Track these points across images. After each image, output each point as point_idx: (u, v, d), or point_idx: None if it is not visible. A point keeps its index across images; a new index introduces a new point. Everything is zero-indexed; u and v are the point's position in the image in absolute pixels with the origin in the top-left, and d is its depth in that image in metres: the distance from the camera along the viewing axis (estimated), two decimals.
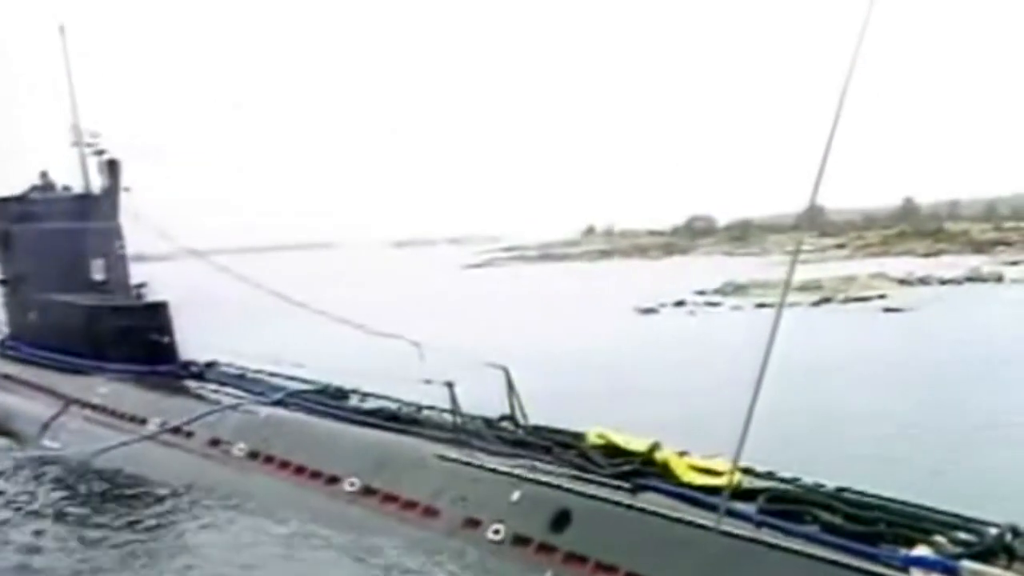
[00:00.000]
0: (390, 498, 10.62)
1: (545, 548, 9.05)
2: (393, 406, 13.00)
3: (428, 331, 15.72)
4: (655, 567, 8.31)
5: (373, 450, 11.45)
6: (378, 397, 13.45)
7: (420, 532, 9.93)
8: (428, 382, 11.55)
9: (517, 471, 9.98)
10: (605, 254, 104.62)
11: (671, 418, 14.82)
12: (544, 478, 9.73)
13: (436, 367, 11.99)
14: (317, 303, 15.88)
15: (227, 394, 14.51)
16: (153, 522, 11.36)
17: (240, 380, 15.28)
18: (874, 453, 14.13)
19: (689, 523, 8.45)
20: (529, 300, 47.73)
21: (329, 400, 13.63)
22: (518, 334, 30.51)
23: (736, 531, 8.09)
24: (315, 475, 11.55)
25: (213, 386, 15.25)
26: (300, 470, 11.79)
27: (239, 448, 12.70)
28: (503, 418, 11.86)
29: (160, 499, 12.18)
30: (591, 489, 9.34)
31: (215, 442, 13.11)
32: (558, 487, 9.51)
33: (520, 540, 9.26)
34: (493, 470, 10.17)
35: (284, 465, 12.02)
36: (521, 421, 11.75)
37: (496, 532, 9.41)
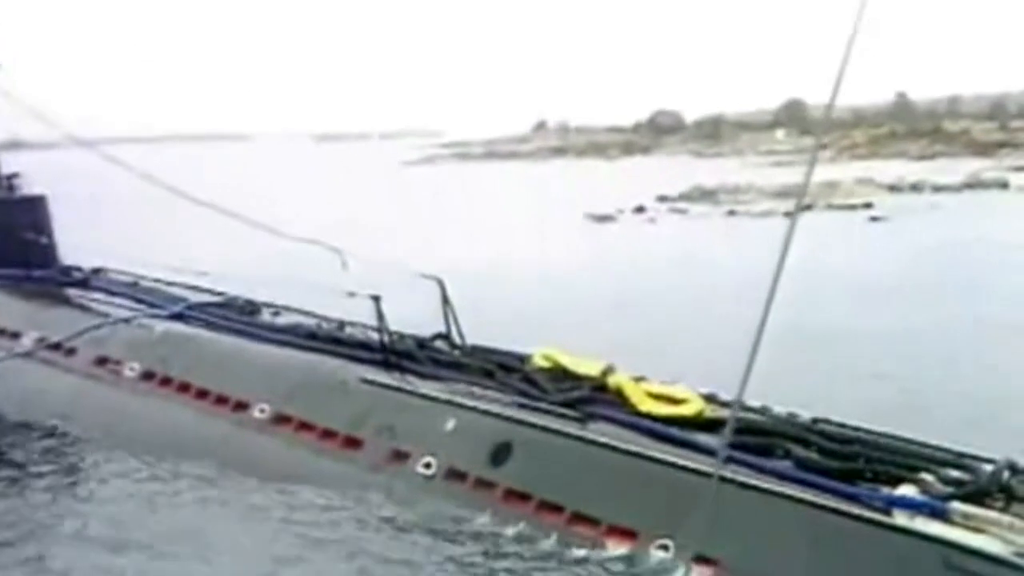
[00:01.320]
0: (306, 427, 10.56)
1: (483, 484, 9.07)
2: (311, 322, 12.84)
3: (354, 236, 15.44)
4: (606, 507, 8.36)
5: (287, 372, 11.35)
6: (294, 312, 13.30)
7: (340, 466, 9.90)
8: (352, 295, 11.42)
9: (452, 397, 9.98)
10: (558, 152, 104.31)
11: (625, 341, 14.86)
12: (483, 405, 9.74)
13: (362, 278, 11.84)
14: (226, 202, 15.53)
15: (117, 305, 14.18)
16: (25, 456, 11.15)
17: (133, 289, 14.95)
18: (864, 375, 14.36)
19: (646, 458, 8.48)
20: (470, 203, 47.56)
21: (237, 314, 13.42)
22: (457, 242, 30.39)
23: (698, 467, 8.12)
24: (220, 400, 11.43)
25: (100, 296, 14.89)
26: (202, 394, 11.64)
27: (131, 368, 12.48)
28: (437, 337, 11.77)
29: (36, 427, 11.96)
30: (536, 418, 9.35)
31: (102, 361, 12.87)
32: (498, 416, 9.52)
33: (455, 475, 9.28)
34: (425, 396, 10.15)
35: (184, 388, 11.85)
36: (458, 341, 11.67)
37: (427, 466, 9.42)
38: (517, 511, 8.70)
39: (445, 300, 11.65)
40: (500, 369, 10.56)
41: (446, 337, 11.74)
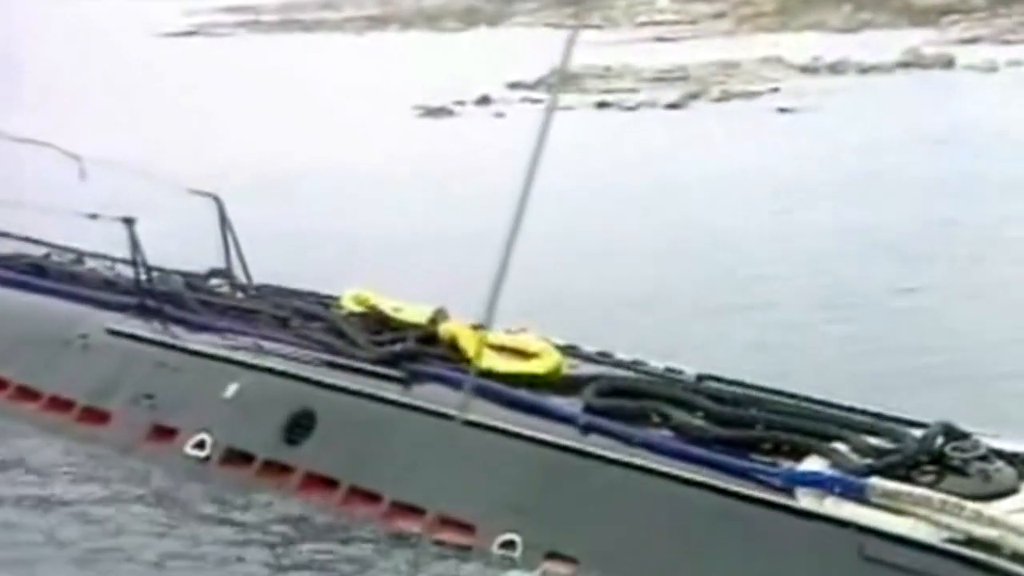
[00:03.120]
0: (28, 394, 10.49)
1: (275, 467, 9.13)
2: (38, 252, 12.64)
3: (99, 137, 15.04)
4: (436, 493, 8.42)
5: (2, 320, 11.19)
6: (11, 238, 13.00)
7: (79, 446, 9.85)
8: (95, 217, 11.25)
9: (233, 354, 9.98)
10: (376, 22, 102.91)
11: (451, 277, 14.98)
12: (275, 364, 9.75)
13: (109, 194, 11.66)
14: None
15: None
16: None
17: None
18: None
19: (486, 428, 8.57)
20: (262, 91, 46.77)
21: None
22: (241, 145, 29.90)
23: (552, 439, 8.27)
24: None
25: None
26: None
27: None
28: (213, 274, 11.74)
29: None
30: (345, 380, 9.42)
31: None
32: (295, 378, 9.56)
33: (237, 456, 9.31)
34: (196, 353, 10.13)
35: None
36: (242, 279, 11.65)
37: (200, 446, 9.41)
38: (321, 501, 8.78)
39: (224, 224, 11.57)
40: (298, 316, 10.56)
41: (225, 274, 11.69)
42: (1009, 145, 26.91)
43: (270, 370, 9.69)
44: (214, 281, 11.70)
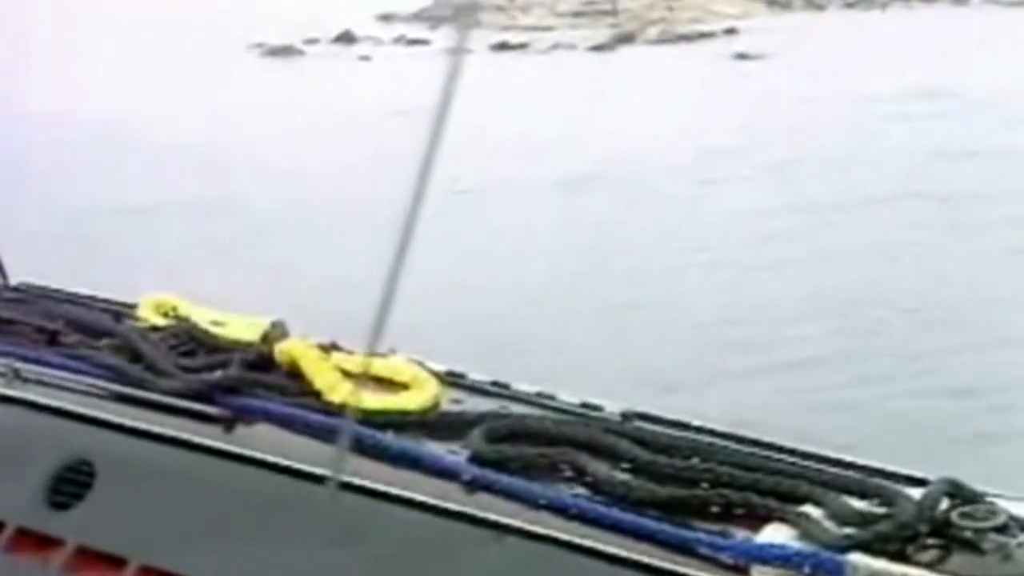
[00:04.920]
0: None
1: (33, 540, 8.83)
2: None
3: None
4: (261, 571, 8.25)
5: None
6: None
7: None
8: None
9: None
10: None
11: (297, 278, 14.94)
12: (38, 397, 9.47)
13: None
14: None
15: None
16: None
17: None
18: None
19: (341, 486, 8.41)
20: (53, 29, 46.56)
21: None
22: (19, 96, 29.87)
23: (426, 499, 8.10)
24: None
25: None
26: None
27: None
28: None
29: None
30: (140, 419, 9.14)
31: None
32: (68, 415, 9.27)
33: None
34: None
35: None
36: None
37: None
38: None
39: None
40: (75, 330, 10.32)
41: None
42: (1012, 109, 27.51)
43: (30, 404, 9.40)
44: None
